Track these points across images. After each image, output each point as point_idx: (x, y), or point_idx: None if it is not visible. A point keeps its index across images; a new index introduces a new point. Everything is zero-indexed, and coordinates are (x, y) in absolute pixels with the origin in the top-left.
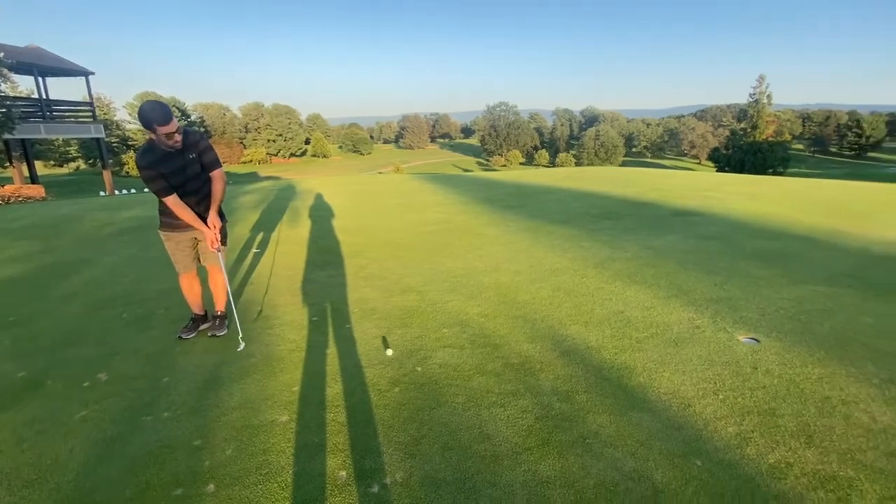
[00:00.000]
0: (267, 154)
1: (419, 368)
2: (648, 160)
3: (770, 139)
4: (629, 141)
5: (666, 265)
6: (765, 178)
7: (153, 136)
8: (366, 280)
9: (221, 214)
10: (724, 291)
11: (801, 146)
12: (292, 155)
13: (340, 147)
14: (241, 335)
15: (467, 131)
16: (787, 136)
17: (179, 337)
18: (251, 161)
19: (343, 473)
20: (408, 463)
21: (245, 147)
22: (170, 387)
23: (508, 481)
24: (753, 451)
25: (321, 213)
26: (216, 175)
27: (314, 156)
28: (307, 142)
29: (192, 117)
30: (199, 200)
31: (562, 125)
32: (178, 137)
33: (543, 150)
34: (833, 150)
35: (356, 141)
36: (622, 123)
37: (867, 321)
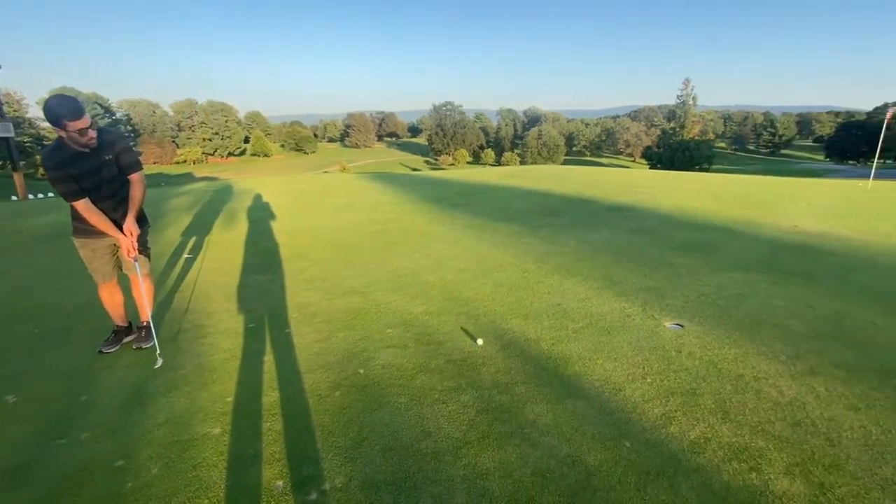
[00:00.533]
0: (203, 153)
1: (361, 370)
2: (588, 158)
3: (696, 138)
4: (570, 140)
5: (601, 258)
6: (691, 174)
7: (63, 133)
8: (307, 283)
9: (144, 220)
10: (653, 281)
11: (723, 144)
12: (230, 154)
13: (282, 146)
14: (158, 351)
15: (414, 130)
16: (711, 135)
17: (100, 351)
18: (185, 161)
19: (280, 483)
20: (348, 467)
21: (178, 146)
22: (89, 405)
23: (449, 476)
24: (676, 429)
25: (260, 215)
26: (135, 178)
27: (254, 155)
28: (246, 140)
29: (118, 115)
30: (116, 205)
31: (506, 125)
32: (93, 135)
33: (489, 150)
34: (751, 147)
35: (299, 139)
36: (563, 123)
37: (778, 304)
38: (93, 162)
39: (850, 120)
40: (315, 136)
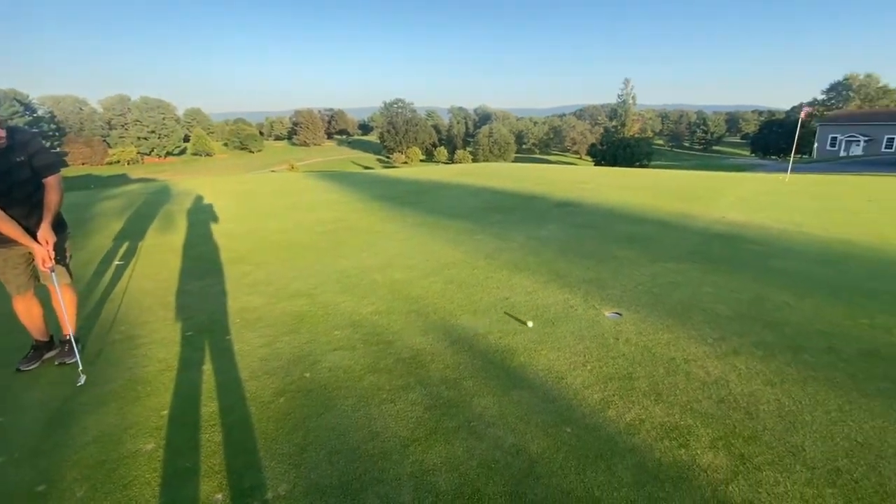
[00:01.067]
0: (138, 153)
1: (307, 374)
2: (537, 156)
3: (636, 136)
4: (519, 138)
5: (547, 253)
6: (632, 170)
7: None
8: (250, 287)
9: (62, 226)
10: (595, 273)
11: (661, 141)
12: (169, 154)
13: (226, 144)
14: (80, 367)
15: (365, 128)
16: (650, 133)
17: (18, 369)
18: (119, 161)
19: (219, 496)
20: (292, 474)
21: (110, 146)
22: (6, 428)
23: (396, 475)
24: (614, 412)
25: (201, 217)
26: (51, 182)
27: (196, 154)
28: (186, 139)
29: (40, 112)
30: (30, 211)
31: (458, 123)
32: (2, 134)
33: (442, 147)
34: (686, 144)
35: (244, 137)
36: (512, 122)
37: (707, 290)
38: (1, 164)
39: (771, 119)
40: (261, 133)
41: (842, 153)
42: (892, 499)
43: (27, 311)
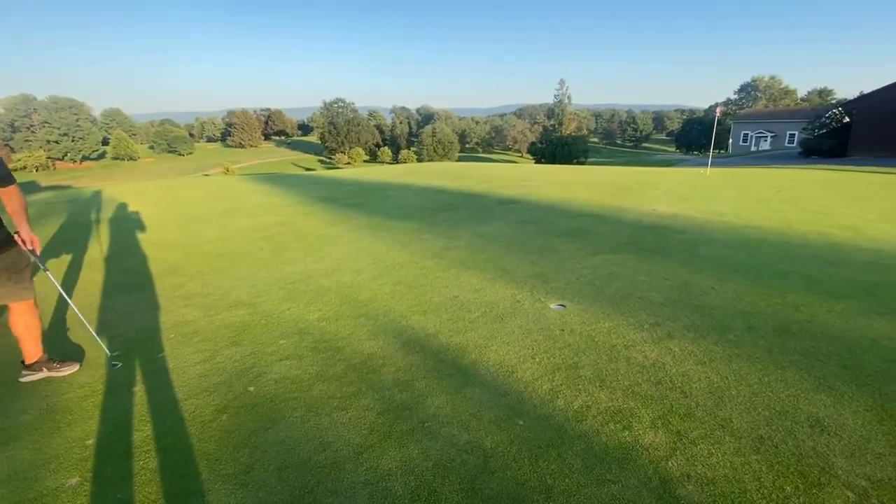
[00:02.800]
0: (48, 158)
1: (251, 388)
2: (481, 155)
3: (573, 134)
4: (462, 137)
5: (492, 249)
6: (570, 167)
7: None
8: (184, 300)
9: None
10: (539, 267)
11: (596, 139)
12: (86, 158)
13: (152, 147)
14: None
15: (305, 128)
16: (586, 132)
17: None
18: (25, 167)
19: None
20: (238, 494)
21: (13, 150)
22: None
23: (350, 484)
24: (562, 401)
25: (125, 227)
26: (7, 192)
27: (117, 158)
28: (105, 142)
29: None
30: None
31: (401, 123)
32: None
33: (386, 148)
34: (619, 141)
35: (172, 140)
36: (455, 121)
37: (642, 279)
38: None
39: (692, 117)
40: (191, 135)
41: (752, 148)
42: (807, 459)
43: None
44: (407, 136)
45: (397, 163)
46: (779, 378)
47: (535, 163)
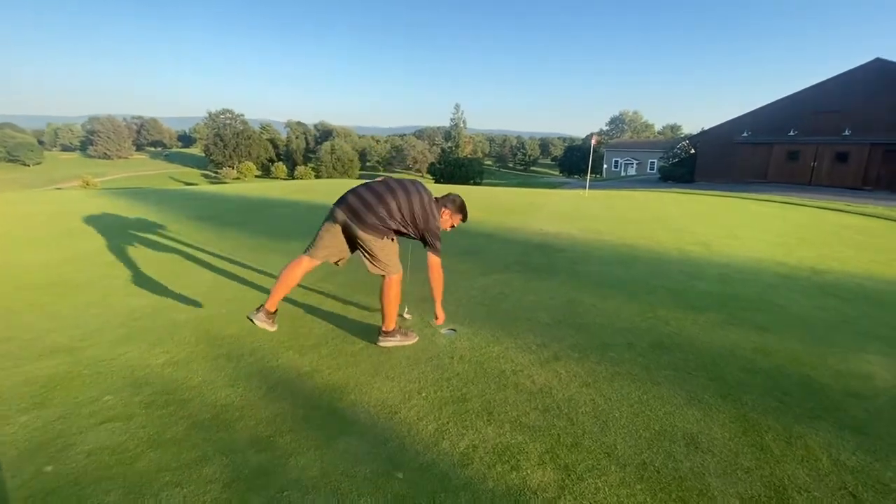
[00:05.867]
0: None
1: (49, 468)
2: (381, 173)
3: (469, 156)
4: (363, 156)
5: None
6: (467, 187)
7: None
8: None
9: None
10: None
11: (490, 162)
12: None
13: None
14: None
15: (186, 139)
16: (481, 154)
17: None
18: None
19: None
20: None
21: None
22: None
23: None
24: (448, 443)
25: None
26: None
27: None
28: None
29: None
30: None
31: (297, 138)
32: None
33: (281, 163)
34: (510, 165)
35: (13, 147)
36: (355, 139)
37: (530, 298)
38: None
39: (572, 144)
40: (41, 143)
41: (622, 173)
42: (686, 482)
43: None
44: (303, 151)
45: (293, 179)
46: (656, 395)
47: (435, 182)
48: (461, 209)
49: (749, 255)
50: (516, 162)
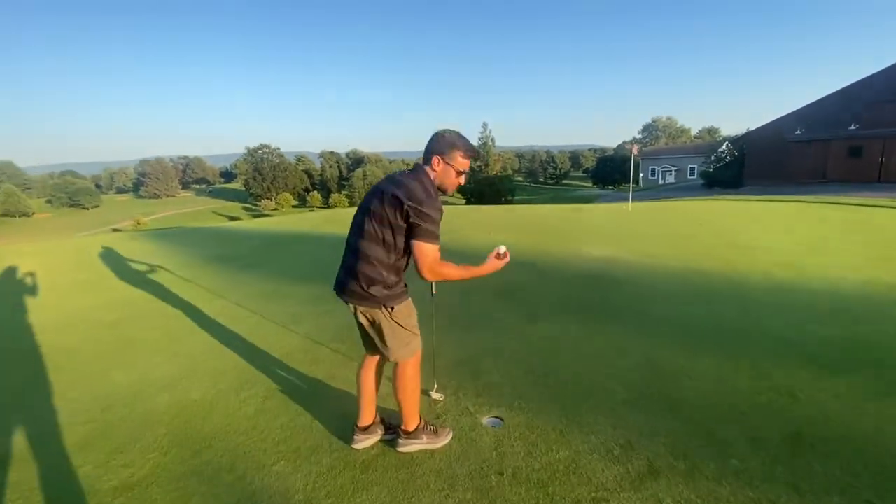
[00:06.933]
0: None
1: None
2: None
3: (499, 174)
4: None
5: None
6: (501, 207)
7: None
8: None
9: None
10: (467, 349)
11: (520, 178)
12: None
13: (49, 201)
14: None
15: (228, 175)
16: (511, 171)
17: None
18: None
19: None
20: None
21: None
22: None
23: None
24: None
25: None
26: None
27: (6, 215)
28: None
29: None
30: None
31: (330, 167)
32: None
33: (316, 192)
34: (541, 179)
35: (73, 192)
36: (385, 164)
37: (594, 359)
38: None
39: (605, 155)
40: (98, 186)
41: (660, 181)
42: None
43: None
44: (337, 179)
45: (328, 207)
46: None
47: (466, 203)
48: (457, 143)
49: (854, 277)
50: (547, 176)
